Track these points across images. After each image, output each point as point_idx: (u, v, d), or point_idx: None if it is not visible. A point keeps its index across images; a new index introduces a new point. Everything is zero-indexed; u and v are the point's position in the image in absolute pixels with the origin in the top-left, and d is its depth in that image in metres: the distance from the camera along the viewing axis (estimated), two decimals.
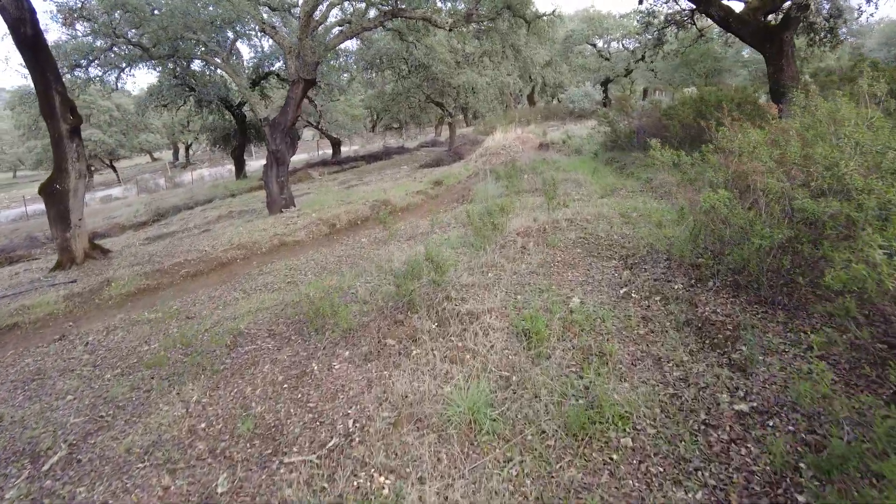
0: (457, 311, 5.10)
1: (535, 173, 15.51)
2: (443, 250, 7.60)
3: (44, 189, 11.06)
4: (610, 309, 4.89)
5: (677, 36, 16.72)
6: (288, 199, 15.80)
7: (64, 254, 11.50)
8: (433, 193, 17.03)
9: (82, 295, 8.89)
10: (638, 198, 11.05)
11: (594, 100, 37.14)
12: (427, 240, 9.02)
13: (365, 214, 14.42)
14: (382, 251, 8.60)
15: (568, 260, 6.54)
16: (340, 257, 9.30)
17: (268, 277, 8.73)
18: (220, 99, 23.92)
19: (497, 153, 22.51)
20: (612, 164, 16.05)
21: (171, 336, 6.36)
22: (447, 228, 10.26)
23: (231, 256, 10.91)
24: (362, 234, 12.19)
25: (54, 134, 10.49)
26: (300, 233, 12.59)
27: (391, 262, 7.46)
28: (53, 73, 10.11)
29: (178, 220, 18.98)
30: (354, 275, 7.23)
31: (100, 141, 37.38)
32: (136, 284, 9.31)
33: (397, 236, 10.05)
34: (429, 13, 14.85)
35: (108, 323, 7.41)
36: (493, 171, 16.62)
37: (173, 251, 12.11)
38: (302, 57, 14.37)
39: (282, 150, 15.22)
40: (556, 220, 8.47)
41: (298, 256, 10.43)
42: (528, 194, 13.06)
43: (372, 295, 6.19)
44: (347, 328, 5.11)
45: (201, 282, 9.58)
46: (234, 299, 7.64)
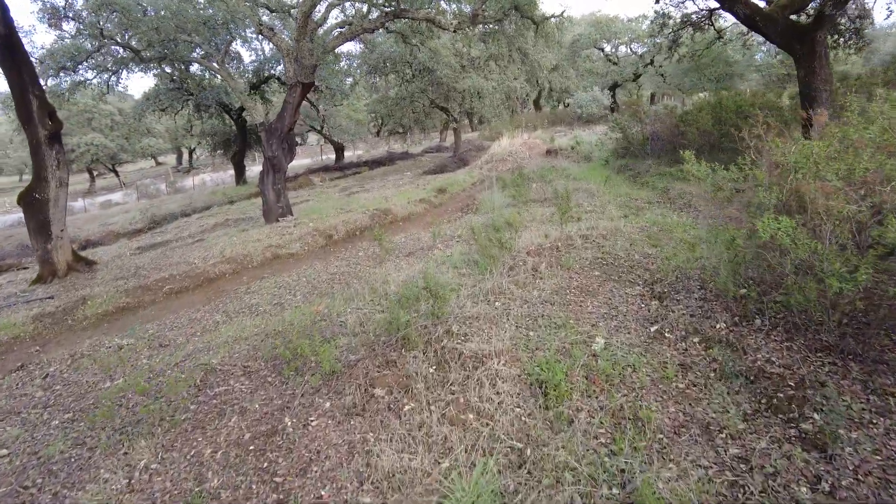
0: (459, 351, 4.35)
1: (544, 181, 14.77)
2: (444, 271, 6.87)
3: (23, 198, 10.40)
4: (641, 353, 4.13)
5: (693, 38, 15.94)
6: (285, 207, 15.11)
7: (45, 266, 10.83)
8: (436, 202, 16.31)
9: (54, 315, 8.19)
10: (655, 210, 10.30)
11: (602, 105, 36.35)
12: (428, 257, 8.28)
13: (364, 224, 13.70)
14: (378, 270, 7.86)
15: (586, 285, 5.78)
16: (334, 275, 8.57)
17: (254, 297, 8.01)
18: (220, 103, 23.32)
19: (503, 159, 21.78)
20: (624, 172, 15.29)
21: (140, 368, 5.64)
22: (450, 243, 9.52)
23: (220, 271, 10.20)
24: (360, 245, 11.47)
25: (32, 140, 9.84)
26: (295, 245, 11.89)
27: (387, 283, 6.73)
28: (30, 74, 9.46)
29: (174, 228, 18.34)
30: (346, 298, 6.50)
31: (101, 145, 36.94)
32: (115, 303, 8.61)
33: (396, 251, 9.31)
34: (432, 14, 14.17)
35: (75, 349, 6.70)
36: (500, 179, 15.88)
37: (162, 263, 11.42)
38: (299, 60, 13.70)
39: (278, 156, 14.54)
40: (570, 235, 7.71)
41: (291, 272, 9.71)
42: (537, 204, 12.32)
43: (363, 325, 5.45)
44: (331, 371, 4.37)
45: (185, 300, 8.88)
46: (215, 324, 6.92)
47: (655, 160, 15.23)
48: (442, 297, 4.79)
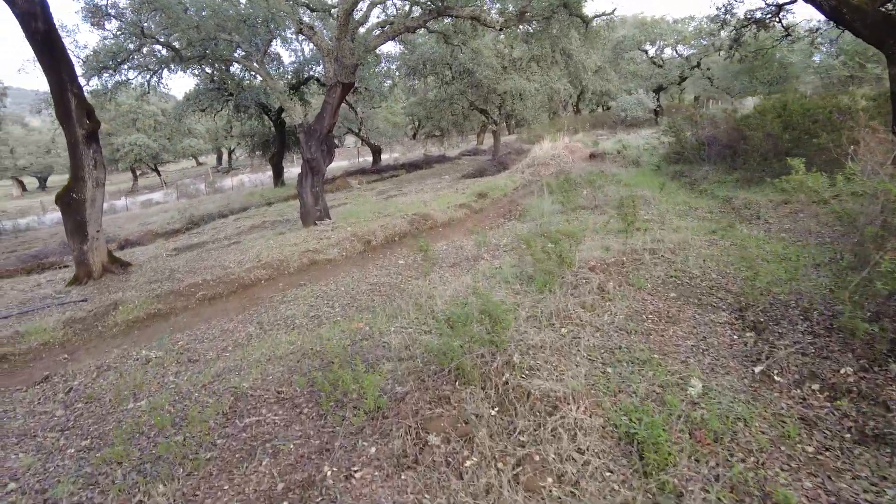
0: (525, 389, 3.71)
1: (593, 187, 13.97)
2: (495, 286, 6.23)
3: (60, 198, 10.22)
4: (748, 401, 3.41)
5: (756, 36, 14.90)
6: (322, 210, 14.71)
7: (81, 268, 10.64)
8: (477, 207, 15.68)
9: (85, 321, 7.87)
10: (721, 221, 9.44)
11: (647, 108, 35.13)
12: (474, 269, 7.65)
13: (403, 230, 13.17)
14: (422, 282, 7.26)
15: (664, 310, 5.06)
16: (374, 285, 8.01)
17: (290, 307, 7.52)
18: (259, 104, 23.22)
19: (546, 163, 21.01)
20: (679, 178, 14.36)
21: (167, 387, 5.18)
22: (497, 253, 8.87)
23: (255, 277, 9.79)
24: (399, 252, 10.92)
25: (70, 139, 9.62)
26: (333, 250, 11.43)
27: (432, 299, 6.12)
28: (69, 72, 9.23)
29: (211, 229, 18.21)
30: (388, 315, 5.92)
31: (144, 145, 37.59)
32: (146, 309, 8.26)
33: (438, 261, 8.71)
34: (478, 11, 13.57)
35: (102, 360, 6.31)
36: (545, 184, 15.14)
37: (196, 266, 11.11)
38: (340, 59, 13.28)
39: (317, 158, 14.15)
40: (634, 248, 6.97)
41: (328, 279, 9.22)
42: (587, 211, 11.57)
43: (408, 349, 4.85)
44: (375, 407, 3.78)
45: (218, 307, 8.47)
46: (248, 337, 6.43)
47: (712, 166, 14.26)
48: (501, 322, 4.16)
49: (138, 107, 38.45)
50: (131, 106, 38.26)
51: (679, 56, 43.62)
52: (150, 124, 38.76)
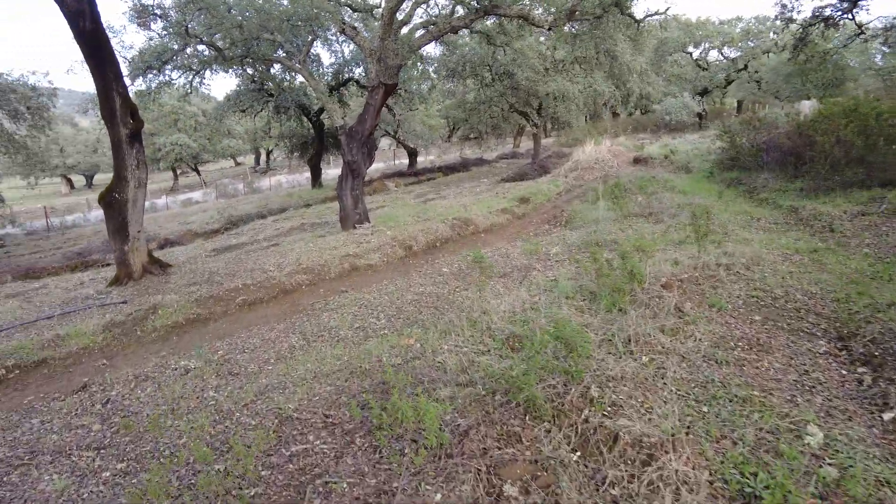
0: (610, 430, 3.23)
1: (645, 194, 13.31)
2: (554, 302, 5.75)
3: (103, 198, 10.16)
4: (885, 458, 2.86)
5: (824, 35, 13.99)
6: (362, 214, 14.44)
7: (122, 268, 10.57)
8: (519, 212, 15.18)
9: (124, 325, 7.70)
10: (790, 234, 8.74)
11: (692, 112, 33.98)
12: (527, 281, 7.18)
13: (444, 235, 12.77)
14: (472, 294, 6.82)
15: (752, 336, 4.50)
16: (419, 295, 7.61)
17: (333, 317, 7.18)
18: (299, 105, 23.21)
19: (590, 167, 20.37)
20: (735, 186, 13.59)
21: (206, 403, 4.87)
22: (549, 263, 8.38)
23: (296, 282, 9.52)
24: (442, 259, 10.52)
25: (114, 139, 9.53)
26: (373, 255, 11.10)
27: (486, 314, 5.67)
28: (114, 72, 9.14)
29: (249, 230, 18.17)
30: (440, 331, 5.50)
31: (185, 145, 38.26)
32: (186, 313, 8.04)
33: (489, 273, 8.26)
34: (526, 10, 13.09)
35: (140, 369, 6.07)
36: (593, 190, 14.54)
37: (236, 269, 10.93)
38: (383, 59, 12.98)
39: (358, 161, 13.89)
40: (706, 263, 6.39)
41: (370, 287, 8.88)
42: (641, 220, 10.96)
43: (466, 371, 4.42)
44: (438, 444, 3.35)
45: (259, 313, 8.21)
46: (291, 349, 6.10)
47: (771, 174, 13.44)
48: (579, 350, 3.68)
49: (180, 107, 39.19)
50: (173, 107, 39.01)
51: (725, 58, 42.22)
52: (191, 125, 39.45)
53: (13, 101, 16.37)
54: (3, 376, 6.30)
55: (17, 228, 24.92)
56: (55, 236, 23.96)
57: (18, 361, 6.57)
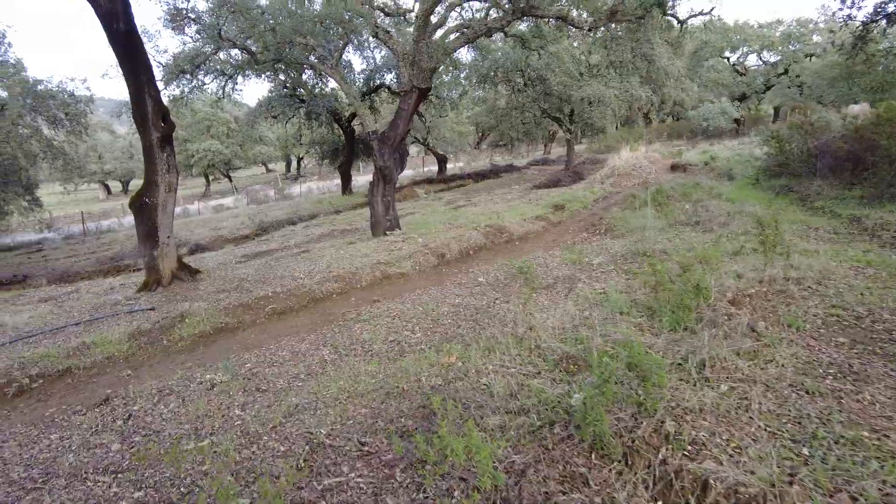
0: (695, 475, 2.74)
1: (689, 201, 12.67)
2: (609, 318, 5.26)
3: (133, 203, 10.03)
4: None
5: (885, 33, 13.15)
6: (393, 220, 14.13)
7: (151, 274, 10.41)
8: (555, 220, 14.66)
9: (150, 333, 7.45)
10: (856, 245, 8.06)
11: (730, 118, 32.93)
12: (573, 293, 6.69)
13: (478, 243, 12.34)
14: (513, 307, 6.35)
15: (843, 362, 3.95)
16: (456, 307, 7.18)
17: (366, 329, 6.80)
18: (330, 111, 23.12)
19: (626, 174, 19.72)
20: (786, 193, 12.84)
21: (231, 422, 4.53)
22: (594, 274, 7.86)
23: (327, 291, 9.19)
24: (476, 268, 10.09)
25: (145, 143, 9.39)
26: (405, 263, 10.73)
27: (533, 330, 5.21)
28: (147, 74, 9.00)
29: (280, 236, 18.04)
30: (483, 348, 5.05)
31: (217, 151, 38.72)
32: (213, 322, 7.77)
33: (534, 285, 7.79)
34: (565, 10, 12.64)
35: (164, 382, 5.78)
36: (632, 196, 13.95)
37: (266, 276, 10.69)
38: (417, 62, 12.67)
39: (390, 166, 13.59)
40: (773, 276, 5.81)
41: (403, 296, 8.50)
42: (688, 228, 10.36)
43: (515, 396, 3.97)
44: (492, 485, 2.91)
45: (288, 323, 7.89)
46: (322, 363, 5.73)
47: (826, 181, 12.66)
48: (653, 377, 3.21)
49: (213, 114, 39.74)
50: (206, 113, 39.58)
51: (763, 63, 40.98)
52: (223, 131, 39.96)
53: (52, 108, 16.57)
54: (27, 386, 6.08)
55: (53, 233, 25.43)
56: (90, 241, 24.29)
57: (43, 370, 6.36)
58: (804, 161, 13.57)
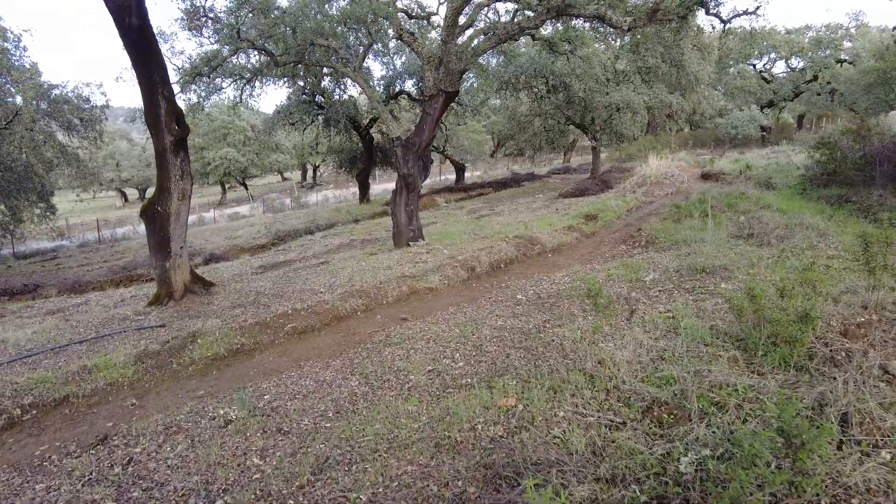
0: None
1: (735, 211, 11.79)
2: (688, 346, 4.44)
3: (144, 211, 9.39)
4: None
5: None
6: (416, 230, 13.39)
7: (162, 286, 9.76)
8: (588, 230, 13.82)
9: (159, 356, 6.74)
10: None
11: (759, 125, 31.86)
12: (637, 316, 5.86)
13: (509, 255, 11.55)
14: (571, 333, 5.53)
15: None
16: (499, 330, 6.38)
17: (398, 353, 6.03)
18: (349, 118, 22.54)
19: (658, 182, 18.84)
20: (841, 204, 11.89)
21: (247, 474, 3.77)
22: (650, 292, 7.03)
23: (350, 308, 8.45)
24: (511, 282, 9.31)
25: (158, 147, 8.76)
26: (433, 276, 9.97)
27: (604, 365, 4.40)
28: (161, 74, 8.37)
29: (297, 246, 17.40)
30: (546, 387, 4.24)
31: (234, 159, 38.38)
32: (228, 343, 7.05)
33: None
34: (603, 10, 11.88)
35: (172, 416, 5.04)
36: (674, 206, 13.08)
37: (284, 290, 10.00)
38: (445, 63, 11.97)
39: (414, 174, 12.88)
40: (881, 302, 4.95)
41: (434, 315, 7.73)
42: (740, 241, 9.47)
43: (600, 457, 3.16)
44: None
45: (310, 343, 7.15)
46: (351, 398, 4.96)
47: (887, 190, 11.72)
48: (809, 446, 2.39)
49: (230, 122, 39.45)
50: (223, 121, 39.31)
51: (791, 70, 39.83)
52: (240, 139, 39.62)
53: (66, 113, 16.12)
54: (19, 418, 5.39)
55: (67, 241, 25.11)
56: (105, 249, 23.88)
57: (37, 399, 5.66)
58: (859, 169, 12.62)
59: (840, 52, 36.17)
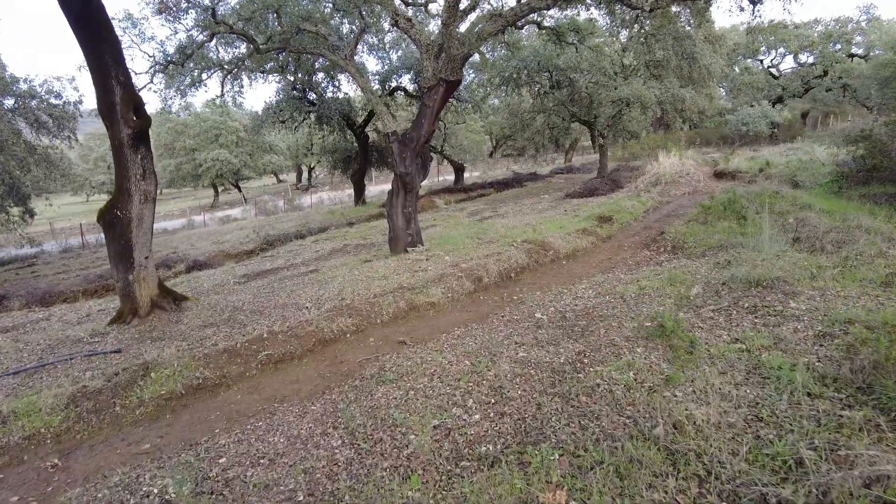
0: None
1: (772, 212, 10.54)
2: (788, 394, 3.18)
3: (102, 217, 8.10)
4: None
5: None
6: (415, 235, 12.13)
7: (126, 302, 8.49)
8: (604, 234, 12.57)
9: (101, 395, 5.46)
10: None
11: (771, 122, 30.66)
12: (701, 349, 4.60)
13: (520, 262, 10.30)
14: (621, 373, 4.26)
15: None
16: (522, 365, 5.09)
17: (394, 395, 4.77)
18: (342, 115, 21.25)
19: (674, 181, 17.61)
20: (886, 203, 10.67)
21: None
22: (700, 313, 5.77)
23: (338, 329, 7.17)
24: (527, 296, 8.06)
25: (114, 140, 7.47)
26: (434, 289, 8.70)
27: (683, 431, 3.15)
28: (113, 54, 7.08)
29: (286, 251, 16.08)
30: (608, 471, 2.98)
31: (226, 161, 37.07)
32: (187, 377, 5.78)
33: (611, 323, 5.72)
34: None
35: (98, 489, 3.78)
36: (700, 206, 11.83)
37: (264, 305, 8.74)
38: (447, 49, 10.71)
39: (412, 173, 11.61)
40: None
41: (438, 337, 6.48)
42: (788, 247, 8.21)
43: None
44: None
45: (288, 376, 5.89)
46: (331, 468, 3.69)
47: None
48: None
49: (222, 122, 38.16)
50: (215, 121, 38.02)
51: (799, 65, 38.68)
52: (232, 140, 38.29)
53: (34, 109, 14.82)
54: None
55: (49, 246, 23.82)
56: (87, 255, 22.58)
57: None
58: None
59: (851, 46, 35.05)
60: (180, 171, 38.46)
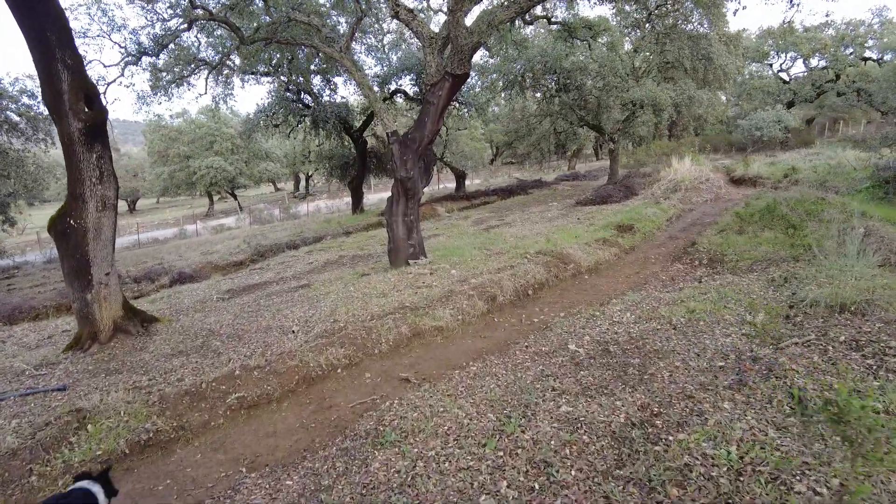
0: None
1: (820, 220, 9.36)
2: None
3: (53, 226, 6.90)
4: None
5: None
6: (417, 246, 10.92)
7: (84, 325, 7.27)
8: (626, 244, 11.38)
9: (15, 459, 4.22)
10: None
11: (785, 126, 29.57)
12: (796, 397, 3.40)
13: (537, 277, 9.10)
14: (708, 443, 3.06)
15: None
16: (569, 425, 3.85)
17: (395, 466, 3.55)
18: (339, 119, 20.10)
19: (694, 188, 16.46)
20: None
21: None
22: (787, 352, 4.56)
23: (327, 363, 5.95)
24: (552, 319, 6.89)
25: (63, 136, 6.28)
26: (441, 309, 7.49)
27: None
28: (58, 33, 5.90)
29: (277, 263, 14.85)
30: None
31: (220, 168, 35.89)
32: (135, 430, 4.55)
33: (664, 361, 4.51)
34: None
35: None
36: (743, 217, 10.62)
37: (244, 327, 7.54)
38: (454, 39, 9.58)
39: (413, 177, 10.43)
40: None
41: (450, 375, 5.27)
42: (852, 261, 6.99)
43: None
44: None
45: (262, 426, 4.68)
46: None
47: None
48: None
49: (217, 129, 37.01)
50: (210, 128, 36.88)
51: (810, 69, 37.67)
52: (227, 147, 37.10)
53: (4, 109, 13.66)
54: None
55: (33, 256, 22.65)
56: None
57: None
58: None
59: (864, 49, 34.08)
60: (174, 179, 37.22)
